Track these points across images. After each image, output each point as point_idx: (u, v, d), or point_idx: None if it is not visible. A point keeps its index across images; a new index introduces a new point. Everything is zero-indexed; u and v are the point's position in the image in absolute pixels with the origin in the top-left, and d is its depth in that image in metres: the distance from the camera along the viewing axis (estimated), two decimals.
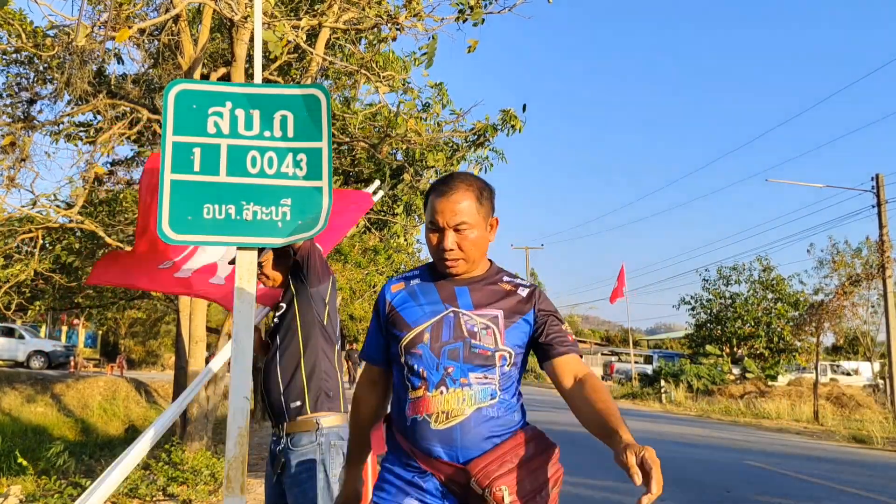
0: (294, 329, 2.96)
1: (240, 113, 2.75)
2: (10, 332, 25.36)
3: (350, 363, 25.74)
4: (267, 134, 2.75)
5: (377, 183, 4.26)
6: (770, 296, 28.44)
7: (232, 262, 3.29)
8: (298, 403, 2.87)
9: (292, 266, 3.00)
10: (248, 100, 2.77)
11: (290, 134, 2.75)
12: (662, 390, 24.47)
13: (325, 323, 3.03)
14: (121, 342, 35.26)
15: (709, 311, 29.95)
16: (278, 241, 2.67)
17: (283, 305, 3.02)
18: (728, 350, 28.83)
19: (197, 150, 2.70)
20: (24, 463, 6.61)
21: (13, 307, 9.67)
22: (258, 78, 2.95)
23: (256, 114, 2.76)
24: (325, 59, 8.13)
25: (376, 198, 4.04)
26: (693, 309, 30.68)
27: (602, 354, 53.51)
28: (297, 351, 2.94)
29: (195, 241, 2.68)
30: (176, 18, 7.92)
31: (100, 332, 37.24)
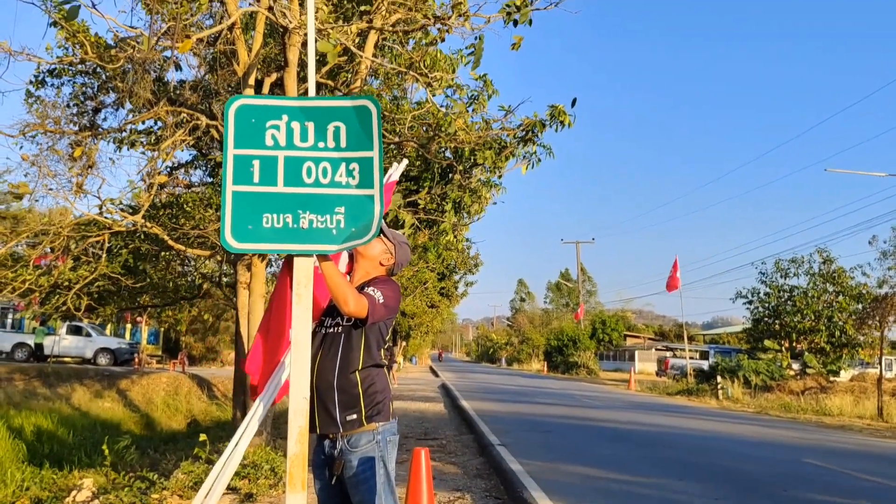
0: (357, 345, 3.01)
1: (295, 125, 2.87)
2: (78, 331, 26.46)
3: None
4: (321, 145, 2.86)
5: (405, 161, 4.38)
6: (831, 289, 27.54)
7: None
8: (354, 416, 2.96)
9: None
10: (302, 112, 2.88)
11: (343, 144, 2.86)
12: (719, 386, 23.97)
13: (385, 338, 3.12)
14: (182, 339, 36.32)
15: (766, 304, 29.18)
16: (333, 248, 2.78)
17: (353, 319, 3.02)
18: (787, 345, 28.06)
19: (256, 163, 2.83)
20: (107, 453, 6.95)
21: (82, 307, 10.11)
22: (312, 82, 3.06)
23: (311, 126, 2.87)
24: (373, 61, 8.26)
25: (396, 175, 4.15)
26: (750, 303, 29.93)
27: (656, 350, 52.68)
28: (356, 365, 2.99)
29: (256, 250, 2.82)
30: (231, 27, 8.16)
31: (162, 330, 38.50)
